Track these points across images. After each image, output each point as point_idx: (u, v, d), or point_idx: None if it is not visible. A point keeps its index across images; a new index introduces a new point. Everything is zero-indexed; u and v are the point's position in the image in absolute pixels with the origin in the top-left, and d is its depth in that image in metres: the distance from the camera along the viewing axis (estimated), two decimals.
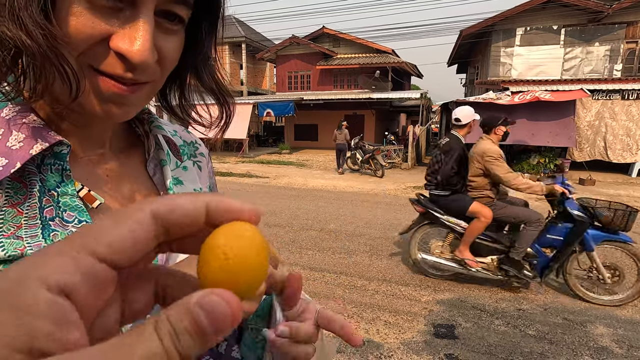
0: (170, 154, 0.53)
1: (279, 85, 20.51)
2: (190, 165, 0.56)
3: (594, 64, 12.74)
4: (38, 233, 0.36)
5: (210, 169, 0.62)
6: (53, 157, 0.38)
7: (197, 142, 0.61)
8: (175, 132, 0.58)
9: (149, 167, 0.50)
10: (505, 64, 13.53)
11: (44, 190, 0.37)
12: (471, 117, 3.61)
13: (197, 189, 0.55)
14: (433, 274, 3.76)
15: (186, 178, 0.54)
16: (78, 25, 0.33)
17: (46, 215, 0.37)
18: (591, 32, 12.59)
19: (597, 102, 10.46)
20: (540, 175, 10.30)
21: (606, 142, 10.40)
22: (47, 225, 0.36)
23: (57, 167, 0.39)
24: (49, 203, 0.37)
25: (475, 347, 2.68)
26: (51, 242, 0.36)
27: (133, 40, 0.34)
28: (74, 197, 0.39)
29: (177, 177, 0.53)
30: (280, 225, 5.59)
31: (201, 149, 0.60)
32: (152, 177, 0.50)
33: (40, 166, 0.38)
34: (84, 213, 0.39)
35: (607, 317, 3.12)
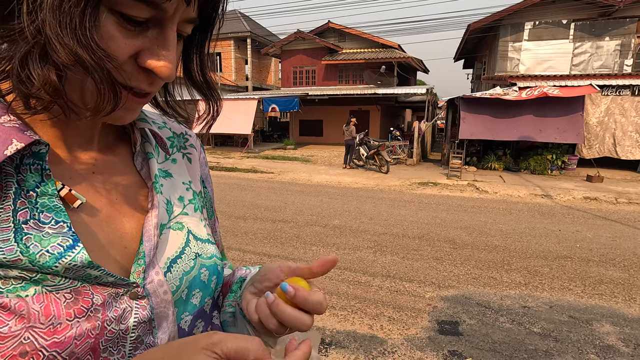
0: (158, 147, 0.52)
1: (284, 81, 20.45)
2: (180, 158, 0.56)
3: (603, 59, 12.52)
4: (10, 237, 0.35)
5: (202, 160, 0.61)
6: (32, 156, 0.37)
7: (187, 133, 0.59)
8: (165, 124, 0.57)
9: (136, 161, 0.50)
10: (513, 59, 13.34)
11: (20, 192, 0.37)
12: None
13: (186, 182, 0.54)
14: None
15: (175, 171, 0.53)
16: (112, 46, 0.34)
17: (20, 218, 0.36)
18: (601, 27, 12.36)
19: (606, 98, 10.29)
20: (547, 173, 10.20)
21: (615, 138, 10.25)
22: (19, 228, 0.35)
23: (36, 166, 0.38)
24: (24, 205, 0.36)
25: (479, 344, 2.67)
26: (24, 245, 0.35)
27: (161, 58, 0.36)
28: (53, 197, 0.38)
29: (166, 169, 0.52)
30: (284, 220, 5.60)
31: (191, 140, 0.59)
32: (139, 172, 0.49)
33: (19, 167, 0.37)
34: (61, 213, 0.38)
35: (614, 315, 3.09)
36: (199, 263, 0.49)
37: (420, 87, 16.41)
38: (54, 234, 0.36)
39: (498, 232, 5.23)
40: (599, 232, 5.31)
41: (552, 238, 5.00)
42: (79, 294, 0.37)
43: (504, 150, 11.32)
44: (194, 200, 0.54)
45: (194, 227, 0.51)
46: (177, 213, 0.50)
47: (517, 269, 3.97)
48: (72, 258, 0.36)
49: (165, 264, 0.45)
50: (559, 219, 5.98)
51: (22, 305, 0.34)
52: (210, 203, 0.61)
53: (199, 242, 0.50)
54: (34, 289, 0.35)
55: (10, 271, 0.34)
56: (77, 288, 0.37)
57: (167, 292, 0.44)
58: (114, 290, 0.40)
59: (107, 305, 0.39)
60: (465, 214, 6.19)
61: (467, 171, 10.53)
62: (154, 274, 0.43)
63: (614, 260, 4.25)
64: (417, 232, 5.17)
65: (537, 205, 6.94)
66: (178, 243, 0.47)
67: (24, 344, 0.33)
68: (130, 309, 0.41)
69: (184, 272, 0.46)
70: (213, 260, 0.51)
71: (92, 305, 0.37)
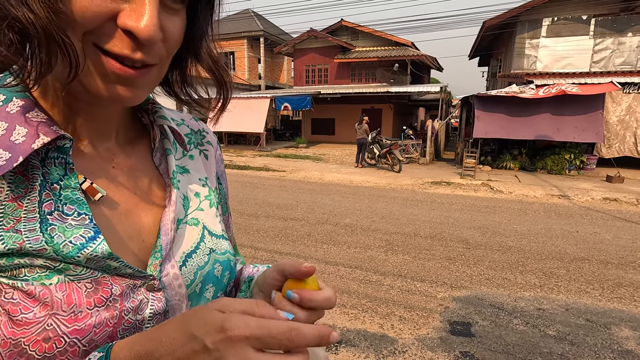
0: (176, 144, 0.53)
1: (297, 79, 20.49)
2: (197, 154, 0.57)
3: (625, 56, 12.11)
4: (36, 227, 0.36)
5: (218, 157, 0.62)
6: (57, 150, 0.39)
7: (204, 130, 0.60)
8: (183, 121, 0.58)
9: (154, 157, 0.51)
10: (530, 56, 13.04)
11: (45, 184, 0.38)
12: None
13: (202, 178, 0.55)
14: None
15: (192, 167, 0.54)
16: (84, 3, 0.33)
17: (45, 209, 0.37)
18: (624, 22, 11.95)
19: (628, 96, 9.96)
20: (565, 172, 9.95)
21: (636, 137, 9.92)
22: (45, 219, 0.37)
23: (60, 160, 0.39)
24: (49, 197, 0.38)
25: (492, 346, 2.63)
26: (48, 235, 0.36)
27: (140, 17, 0.34)
28: (75, 190, 0.39)
29: (183, 165, 0.53)
30: (296, 218, 5.63)
31: (208, 137, 0.60)
32: (157, 167, 0.50)
33: (44, 160, 0.39)
34: (83, 206, 0.39)
35: (633, 319, 3.00)
36: (212, 258, 0.50)
37: (434, 86, 16.22)
38: (76, 225, 0.38)
39: (513, 232, 5.14)
40: (618, 234, 5.15)
41: (569, 239, 4.88)
42: (99, 284, 0.39)
43: (519, 150, 11.09)
44: (210, 196, 0.55)
45: (209, 222, 0.52)
46: (193, 209, 0.51)
47: (532, 271, 3.89)
48: (94, 249, 0.37)
49: (181, 258, 0.46)
50: (576, 220, 5.83)
51: (46, 293, 0.36)
52: (225, 199, 0.63)
53: (214, 237, 0.51)
54: (57, 277, 0.37)
55: (35, 260, 0.36)
56: (97, 278, 0.39)
57: (181, 286, 0.45)
58: (132, 282, 0.41)
59: (125, 296, 0.40)
60: (478, 214, 6.10)
61: (482, 170, 10.36)
62: (169, 268, 0.44)
63: (634, 263, 4.12)
64: (430, 231, 5.12)
65: (553, 206, 6.78)
66: (193, 238, 0.49)
67: (47, 330, 0.35)
68: (147, 300, 0.42)
69: (199, 266, 0.47)
70: (226, 256, 0.52)
71: (111, 296, 0.39)
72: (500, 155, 11.18)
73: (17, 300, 0.35)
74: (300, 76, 20.23)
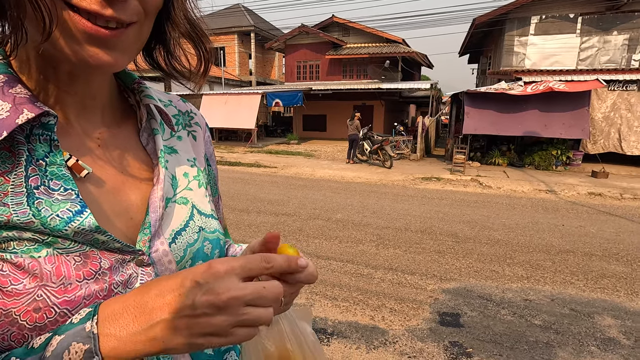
0: (164, 124, 0.53)
1: (288, 75, 20.40)
2: (185, 135, 0.56)
3: (611, 54, 12.35)
4: (23, 201, 0.37)
5: (207, 138, 0.61)
6: (41, 127, 0.39)
7: (192, 111, 0.60)
8: (170, 102, 0.58)
9: (141, 136, 0.51)
10: (518, 53, 13.20)
11: (31, 160, 0.38)
12: None
13: (191, 159, 0.55)
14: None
15: (180, 148, 0.54)
16: None
17: (31, 183, 0.37)
18: (609, 21, 12.18)
19: (612, 93, 10.17)
20: (552, 168, 10.14)
21: (621, 133, 10.15)
22: (32, 193, 0.37)
23: (45, 137, 0.39)
24: (35, 172, 0.38)
25: (480, 336, 2.69)
26: (35, 209, 0.37)
27: None
28: (61, 166, 0.39)
29: (171, 146, 0.53)
30: (287, 214, 5.63)
31: (197, 119, 0.60)
32: (145, 147, 0.50)
33: (29, 136, 0.39)
34: (69, 182, 0.39)
35: (616, 309, 3.10)
36: (202, 236, 0.50)
37: (424, 82, 16.32)
38: (63, 200, 0.38)
39: (501, 226, 5.23)
40: (602, 227, 5.29)
41: (555, 233, 4.99)
42: (87, 258, 0.39)
43: (508, 146, 11.25)
44: (198, 176, 0.55)
45: (198, 202, 0.52)
46: (181, 188, 0.51)
47: (519, 263, 3.97)
48: (81, 222, 0.38)
49: (170, 235, 0.47)
50: (562, 214, 5.96)
51: (35, 265, 0.36)
52: (215, 181, 0.63)
53: (203, 216, 0.52)
54: (45, 250, 0.37)
55: (24, 233, 0.36)
56: (86, 252, 0.39)
57: (171, 262, 0.46)
58: (121, 257, 0.41)
59: (114, 269, 0.41)
60: (468, 209, 6.19)
61: (471, 166, 10.49)
62: (159, 244, 0.45)
63: (617, 254, 4.24)
64: (420, 226, 5.18)
65: (541, 201, 6.92)
66: (183, 216, 0.49)
67: (37, 300, 0.36)
68: (136, 275, 0.42)
69: (188, 243, 0.48)
70: (216, 235, 0.53)
71: (100, 269, 0.39)
72: (489, 151, 11.34)
73: (7, 272, 0.35)
74: (292, 72, 20.14)
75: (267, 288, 0.35)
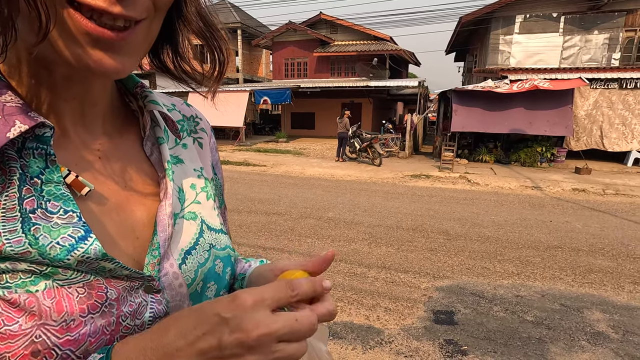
0: (168, 131, 0.49)
1: (276, 73, 20.24)
2: (190, 143, 0.52)
3: (592, 53, 12.66)
4: (17, 227, 0.32)
5: (212, 145, 0.57)
6: (35, 140, 0.34)
7: (197, 116, 0.56)
8: (174, 106, 0.53)
9: (145, 146, 0.46)
10: (504, 52, 13.41)
11: (25, 178, 0.34)
12: None
13: (197, 169, 0.51)
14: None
15: (186, 157, 0.50)
16: None
17: (26, 207, 0.33)
18: (590, 20, 12.47)
19: (594, 91, 10.44)
20: (537, 165, 10.35)
21: (602, 131, 10.43)
22: (27, 218, 0.33)
23: (40, 151, 0.34)
24: (30, 193, 0.33)
25: (474, 333, 2.71)
26: (32, 236, 0.32)
27: None
28: (59, 184, 0.35)
29: (176, 155, 0.49)
30: (278, 213, 5.58)
31: (202, 124, 0.56)
32: (149, 157, 0.46)
33: (21, 150, 0.34)
34: (70, 202, 0.35)
35: (603, 303, 3.17)
36: (213, 254, 0.46)
37: (412, 80, 16.41)
38: (63, 224, 0.34)
39: (490, 223, 5.30)
40: (587, 222, 5.42)
41: (543, 229, 5.08)
42: (92, 289, 0.35)
43: (494, 143, 11.43)
44: (206, 187, 0.51)
45: (207, 216, 0.49)
46: (189, 202, 0.47)
47: (509, 259, 4.03)
48: (85, 250, 0.33)
49: (180, 255, 0.43)
50: (549, 210, 6.08)
51: (32, 302, 0.31)
52: (221, 190, 0.59)
53: (213, 232, 0.48)
54: (44, 283, 0.32)
55: (18, 264, 0.32)
56: (90, 282, 0.35)
57: (182, 285, 0.42)
58: (129, 284, 0.37)
59: (121, 299, 0.36)
60: (457, 206, 6.25)
61: (459, 164, 10.62)
62: (168, 266, 0.41)
63: (602, 249, 4.35)
64: (411, 223, 5.21)
65: (527, 197, 7.05)
66: (192, 233, 0.45)
67: (35, 342, 0.31)
68: (146, 303, 0.38)
69: (199, 264, 0.44)
70: (227, 252, 0.49)
71: (106, 300, 0.35)
72: (477, 148, 11.50)
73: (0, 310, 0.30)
74: (279, 69, 20.00)
75: (299, 320, 0.31)
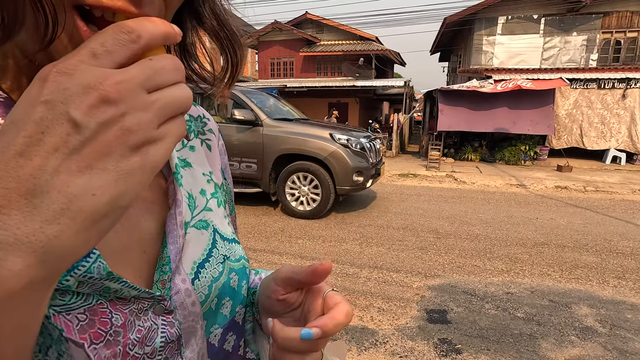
0: None
1: (262, 72, 20.10)
2: (198, 145, 0.48)
3: (571, 54, 13.03)
4: None
5: (221, 147, 0.53)
6: None
7: (205, 117, 0.52)
8: None
9: None
10: (487, 52, 13.66)
11: None
12: None
13: (207, 173, 0.47)
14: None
15: (194, 160, 0.46)
16: None
17: None
18: (569, 22, 12.84)
19: (574, 91, 10.75)
20: (521, 163, 10.58)
21: (582, 129, 10.75)
22: None
23: None
24: None
25: (467, 331, 2.72)
26: None
27: None
28: None
29: (184, 158, 0.45)
30: (268, 214, 5.52)
31: (210, 125, 0.51)
32: None
33: None
34: None
35: (590, 298, 3.24)
36: (227, 267, 0.43)
37: (398, 80, 16.55)
38: None
39: (478, 221, 5.37)
40: (571, 219, 5.55)
41: (530, 226, 5.18)
42: (94, 314, 0.30)
43: (480, 142, 11.64)
44: (217, 193, 0.47)
45: (219, 224, 0.45)
46: (200, 209, 0.43)
47: (498, 257, 4.08)
48: (87, 269, 0.29)
49: (192, 269, 0.38)
50: (534, 208, 6.21)
51: None
52: (231, 196, 0.55)
53: (226, 242, 0.44)
54: None
55: None
56: (93, 307, 0.30)
57: (195, 303, 0.38)
58: (136, 306, 0.33)
59: (128, 325, 0.32)
60: (445, 204, 6.32)
61: (445, 162, 10.75)
62: (180, 282, 0.37)
63: (587, 245, 4.46)
64: (401, 223, 5.23)
65: (513, 195, 7.18)
66: (204, 244, 0.41)
67: None
68: (156, 326, 0.34)
69: (213, 278, 0.40)
70: (241, 263, 0.45)
71: (111, 327, 0.31)
72: (462, 147, 11.68)
73: None
74: (265, 69, 19.86)
75: (154, 59, 0.23)
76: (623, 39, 12.43)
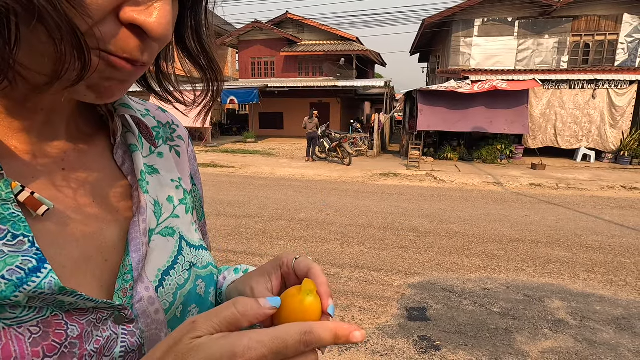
0: (142, 138, 0.44)
1: (242, 72, 19.88)
2: (167, 151, 0.48)
3: (544, 56, 13.50)
4: None
5: (191, 154, 0.53)
6: None
7: (174, 123, 0.51)
8: (148, 112, 0.49)
9: (116, 154, 0.41)
10: (464, 53, 13.97)
11: None
12: None
13: (175, 179, 0.46)
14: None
15: (162, 166, 0.46)
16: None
17: None
18: (542, 25, 13.30)
19: (547, 92, 11.13)
20: (498, 162, 10.88)
21: (556, 129, 11.15)
22: None
23: None
24: None
25: (446, 328, 2.78)
26: None
27: (151, 10, 0.28)
28: (8, 203, 0.29)
29: (151, 165, 0.44)
30: (249, 215, 5.47)
31: (179, 131, 0.51)
32: (120, 167, 0.41)
33: None
34: (20, 224, 0.29)
35: (562, 291, 3.36)
36: (194, 274, 0.42)
37: (378, 80, 16.70)
38: (11, 252, 0.28)
39: (457, 219, 5.49)
40: (545, 215, 5.75)
41: (505, 223, 5.33)
42: (49, 326, 0.29)
43: (458, 141, 11.90)
44: (185, 200, 0.46)
45: (186, 231, 0.44)
46: (166, 216, 0.42)
47: (476, 254, 4.18)
48: (38, 284, 0.28)
49: (157, 277, 0.38)
50: (509, 205, 6.40)
51: None
52: (200, 203, 0.54)
53: (193, 249, 0.44)
54: None
55: None
56: (47, 319, 0.29)
57: (159, 311, 0.37)
58: (95, 316, 0.32)
59: (85, 336, 0.31)
60: (425, 203, 6.42)
61: (425, 162, 10.94)
62: (143, 290, 0.36)
63: (559, 241, 4.63)
64: (382, 222, 5.28)
65: (490, 193, 7.38)
66: (169, 251, 0.40)
67: None
68: (116, 336, 0.33)
69: (178, 285, 0.40)
70: (209, 270, 0.45)
71: (66, 339, 0.30)
72: (442, 146, 11.91)
73: None
74: (246, 69, 19.65)
75: (283, 334, 0.27)
76: (592, 41, 12.96)
